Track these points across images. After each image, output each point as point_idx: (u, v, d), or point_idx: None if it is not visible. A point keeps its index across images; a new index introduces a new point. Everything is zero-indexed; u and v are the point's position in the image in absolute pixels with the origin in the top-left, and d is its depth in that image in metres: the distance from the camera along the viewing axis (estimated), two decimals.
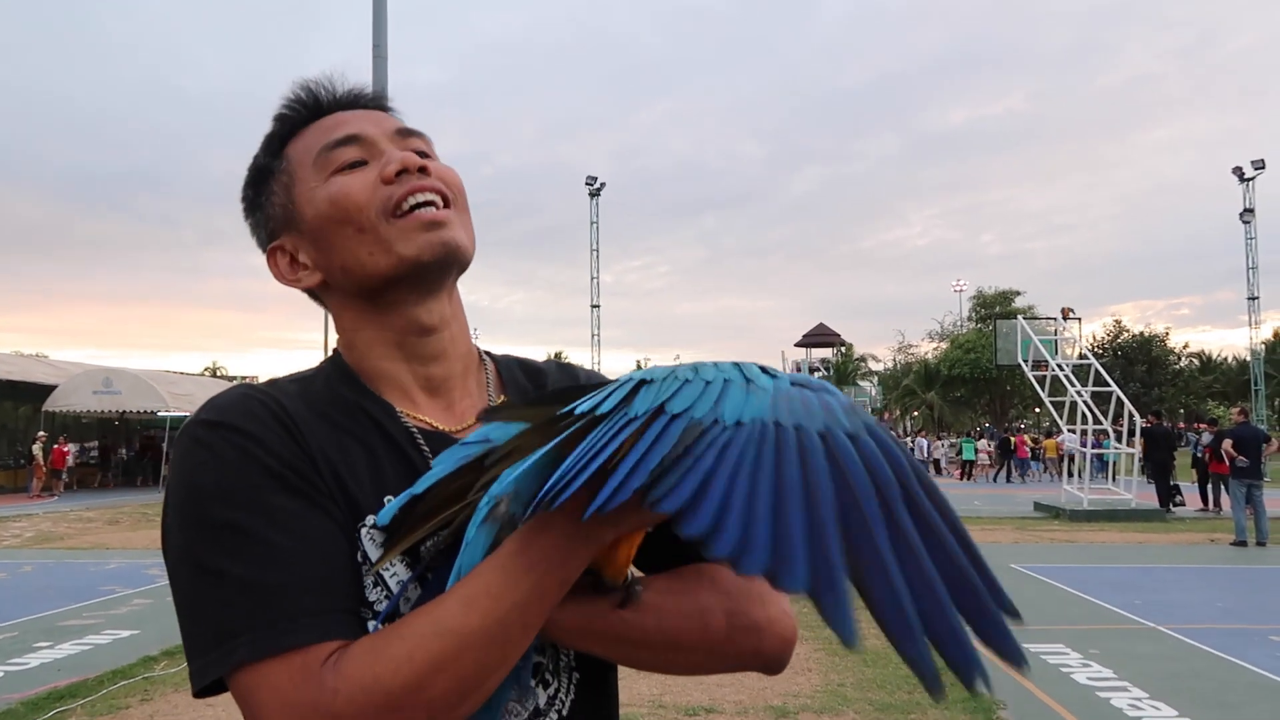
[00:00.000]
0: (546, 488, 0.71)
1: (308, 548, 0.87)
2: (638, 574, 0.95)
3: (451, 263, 1.02)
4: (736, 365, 0.79)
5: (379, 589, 0.92)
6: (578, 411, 0.76)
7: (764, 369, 0.79)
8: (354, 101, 1.09)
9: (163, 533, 0.91)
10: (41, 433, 25.76)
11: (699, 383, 0.75)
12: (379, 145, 1.03)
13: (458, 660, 0.79)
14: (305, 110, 1.07)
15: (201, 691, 0.87)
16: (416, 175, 1.00)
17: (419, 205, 1.00)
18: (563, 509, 0.75)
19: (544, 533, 0.81)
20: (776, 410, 0.71)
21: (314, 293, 1.09)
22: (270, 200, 1.06)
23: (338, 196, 1.00)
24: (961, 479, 32.04)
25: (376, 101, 1.10)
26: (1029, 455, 32.20)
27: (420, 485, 0.90)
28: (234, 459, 0.89)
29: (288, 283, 1.07)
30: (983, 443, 35.82)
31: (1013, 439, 32.82)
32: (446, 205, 1.02)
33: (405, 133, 1.06)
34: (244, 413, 0.93)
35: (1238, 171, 35.46)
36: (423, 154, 1.06)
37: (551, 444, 0.79)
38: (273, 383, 1.02)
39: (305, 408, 0.97)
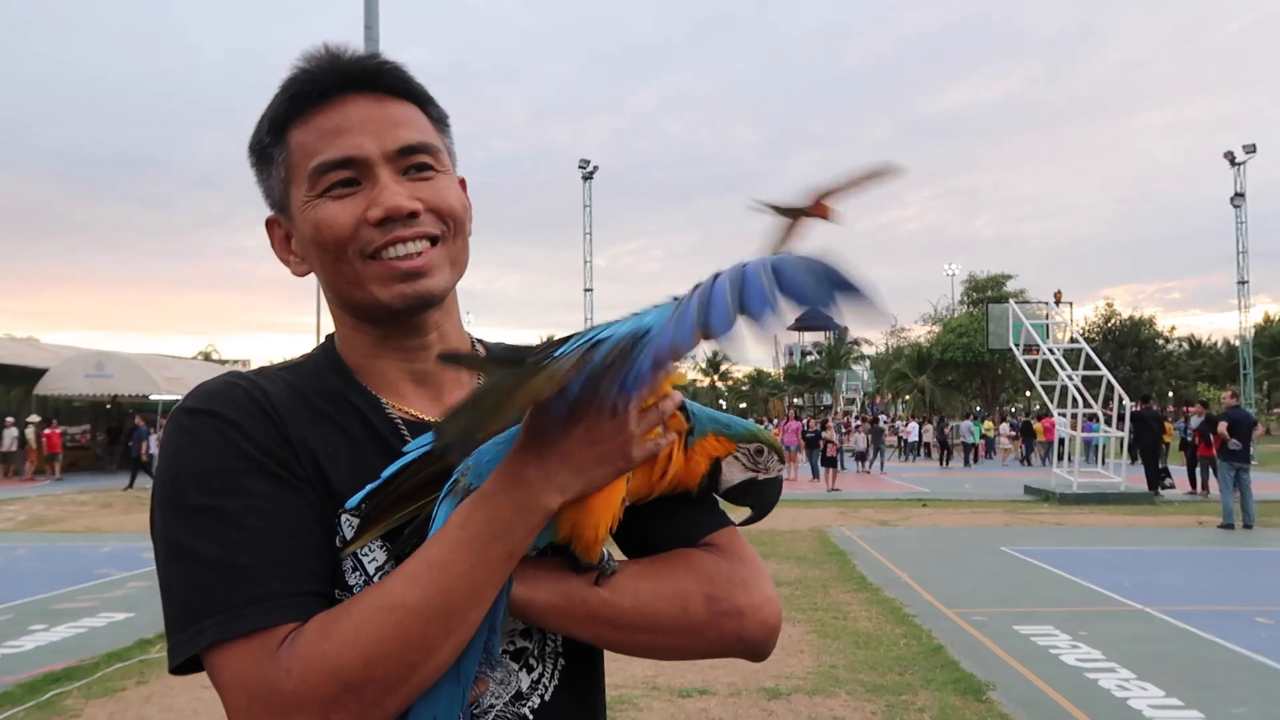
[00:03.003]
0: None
1: (279, 531, 0.89)
2: (620, 556, 0.97)
3: (425, 307, 1.02)
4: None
5: (358, 573, 0.94)
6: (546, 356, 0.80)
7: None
8: (365, 79, 1.01)
9: (149, 514, 0.95)
10: (34, 416, 25.67)
11: (630, 317, 0.81)
12: (374, 170, 0.98)
13: (403, 634, 0.82)
14: (312, 91, 1.00)
15: (177, 669, 0.90)
16: (402, 223, 0.98)
17: (399, 256, 0.98)
18: (504, 480, 0.81)
19: (487, 504, 0.83)
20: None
21: None
22: (270, 181, 1.05)
23: (322, 226, 0.99)
24: (942, 464, 31.77)
25: (387, 81, 1.02)
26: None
27: (389, 470, 0.93)
28: (214, 444, 0.92)
29: (280, 259, 1.08)
30: (1005, 426, 35.59)
31: (1036, 423, 31.68)
32: (435, 242, 1.00)
33: (408, 150, 1.00)
34: (227, 400, 0.95)
35: (1229, 156, 35.45)
36: (424, 168, 1.02)
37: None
38: (261, 370, 1.04)
39: (290, 396, 0.99)
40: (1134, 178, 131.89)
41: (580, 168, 41.13)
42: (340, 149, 0.98)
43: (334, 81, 1.00)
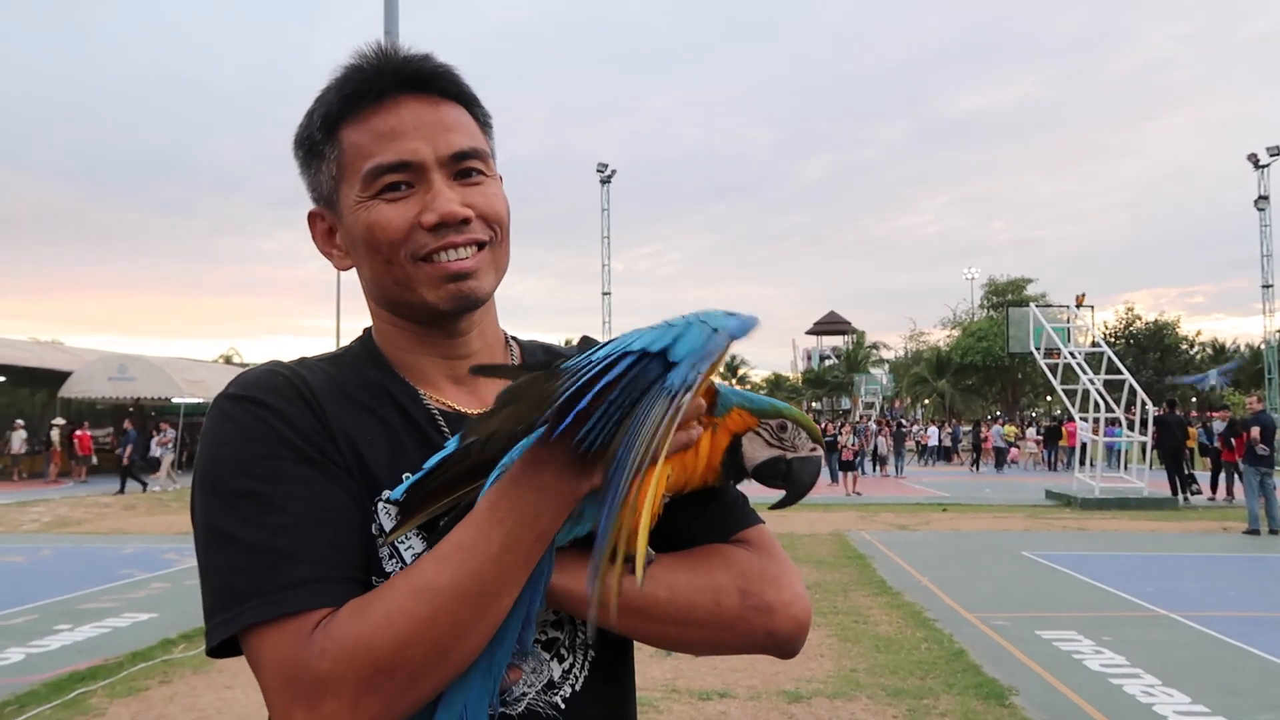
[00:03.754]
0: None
1: (319, 517, 0.91)
2: (652, 552, 0.97)
3: (471, 308, 1.04)
4: (725, 313, 0.88)
5: (394, 561, 0.95)
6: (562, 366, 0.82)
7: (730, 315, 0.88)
8: (419, 81, 1.03)
9: (190, 501, 0.96)
10: (59, 419, 25.94)
11: (662, 327, 0.84)
12: (428, 174, 1.00)
13: (434, 617, 0.83)
14: (368, 92, 1.02)
15: (214, 651, 0.91)
16: (454, 229, 1.00)
17: (450, 260, 1.00)
18: (531, 462, 0.83)
19: (514, 486, 0.84)
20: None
21: None
22: (318, 176, 1.06)
23: (376, 228, 1.00)
24: (971, 468, 31.65)
25: (440, 84, 1.04)
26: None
27: (432, 461, 0.94)
28: (254, 430, 0.93)
29: (323, 252, 1.10)
30: (1031, 431, 35.35)
31: (1063, 426, 31.37)
32: (483, 246, 1.02)
33: (461, 156, 1.02)
34: (268, 387, 0.97)
35: (1253, 158, 35.10)
36: (474, 173, 1.03)
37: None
38: (302, 360, 1.06)
39: (330, 385, 1.01)
40: (1155, 180, 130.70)
41: (598, 171, 41.22)
42: (396, 153, 1.00)
43: (389, 83, 1.02)
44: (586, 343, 1.19)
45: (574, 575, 0.92)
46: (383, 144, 1.00)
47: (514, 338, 1.20)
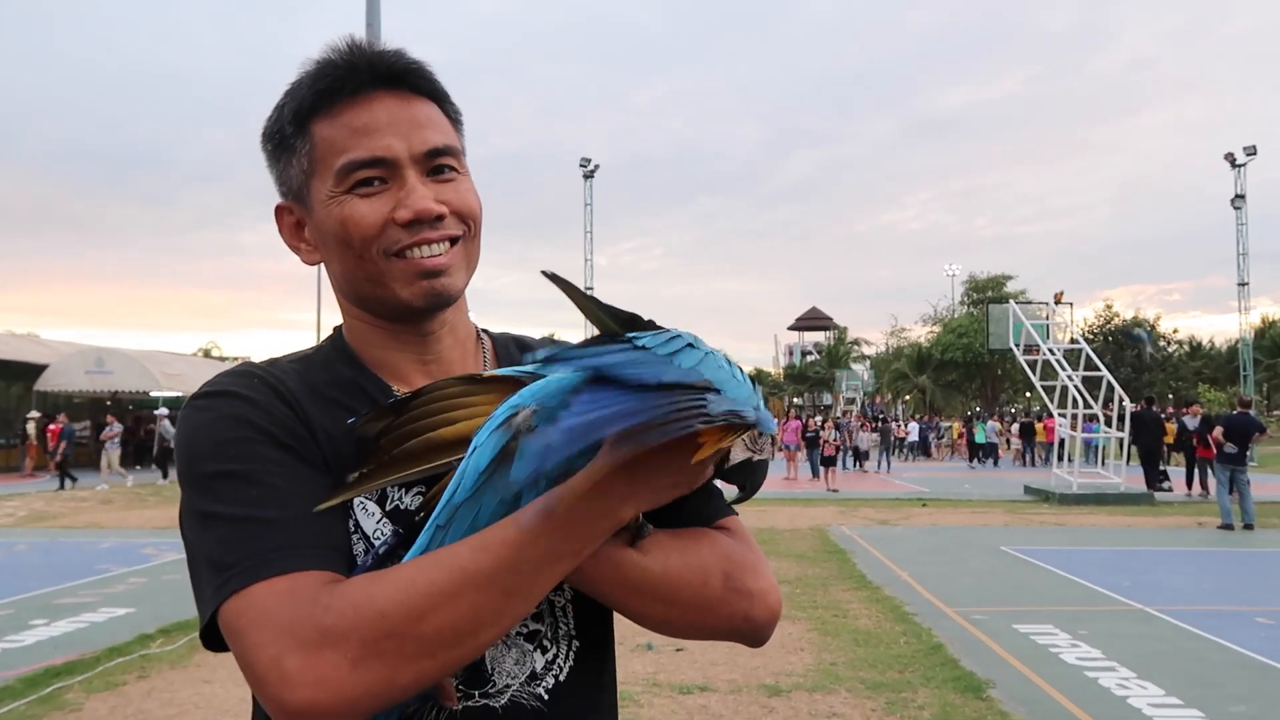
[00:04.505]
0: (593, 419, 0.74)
1: (300, 492, 0.90)
2: (649, 525, 0.98)
3: (444, 305, 1.05)
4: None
5: (359, 540, 0.96)
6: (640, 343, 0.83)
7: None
8: (392, 77, 1.03)
9: (180, 508, 0.96)
10: (34, 412, 25.67)
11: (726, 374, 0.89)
12: (402, 171, 1.00)
13: (458, 597, 0.81)
14: (342, 88, 1.01)
15: (207, 638, 0.89)
16: (429, 225, 1.00)
17: (423, 255, 1.01)
18: (592, 484, 0.81)
19: (575, 500, 0.83)
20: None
21: None
22: (288, 169, 1.06)
23: (349, 223, 1.00)
24: (972, 461, 31.73)
25: (413, 80, 1.04)
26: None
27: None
28: (229, 418, 0.94)
29: (290, 246, 1.09)
30: (1015, 427, 35.57)
31: (1038, 423, 31.41)
32: (455, 242, 1.03)
33: (435, 153, 1.02)
34: (242, 384, 0.98)
35: (1229, 158, 35.39)
36: (446, 169, 1.03)
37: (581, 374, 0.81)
38: (273, 361, 1.06)
39: (304, 386, 1.01)
40: (1134, 178, 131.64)
41: (581, 166, 41.13)
42: (370, 149, 1.00)
43: (363, 78, 1.02)
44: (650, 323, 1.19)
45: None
46: (356, 139, 1.00)
47: (485, 330, 1.20)
